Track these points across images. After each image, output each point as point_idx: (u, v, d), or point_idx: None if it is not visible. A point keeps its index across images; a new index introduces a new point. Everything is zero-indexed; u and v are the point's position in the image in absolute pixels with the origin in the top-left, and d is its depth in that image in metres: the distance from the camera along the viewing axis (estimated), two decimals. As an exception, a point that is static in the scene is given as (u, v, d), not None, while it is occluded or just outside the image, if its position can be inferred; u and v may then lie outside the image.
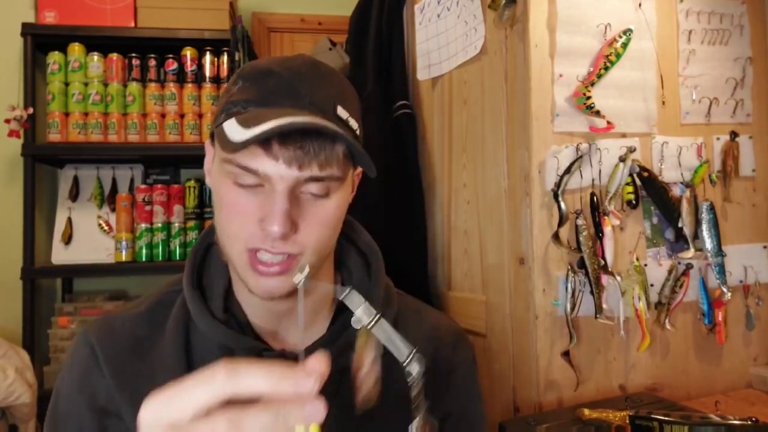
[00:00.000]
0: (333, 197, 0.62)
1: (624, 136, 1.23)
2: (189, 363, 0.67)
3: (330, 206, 0.62)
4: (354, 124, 0.64)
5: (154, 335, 0.69)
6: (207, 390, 0.37)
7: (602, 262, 1.17)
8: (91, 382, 0.67)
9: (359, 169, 0.71)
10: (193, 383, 0.37)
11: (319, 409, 0.38)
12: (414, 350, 0.46)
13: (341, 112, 0.62)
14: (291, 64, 0.63)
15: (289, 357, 0.68)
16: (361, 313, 0.52)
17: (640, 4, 1.25)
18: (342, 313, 0.72)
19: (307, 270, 0.52)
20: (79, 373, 0.68)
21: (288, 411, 0.37)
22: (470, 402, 0.78)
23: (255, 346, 0.67)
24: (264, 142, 0.57)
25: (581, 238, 1.15)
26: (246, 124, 0.57)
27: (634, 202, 1.21)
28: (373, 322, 0.49)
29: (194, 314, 0.67)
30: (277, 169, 0.58)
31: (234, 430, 0.36)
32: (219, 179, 0.62)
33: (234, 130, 0.57)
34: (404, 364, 0.45)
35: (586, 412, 0.99)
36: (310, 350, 0.68)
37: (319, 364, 0.39)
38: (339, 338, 0.68)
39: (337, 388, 0.68)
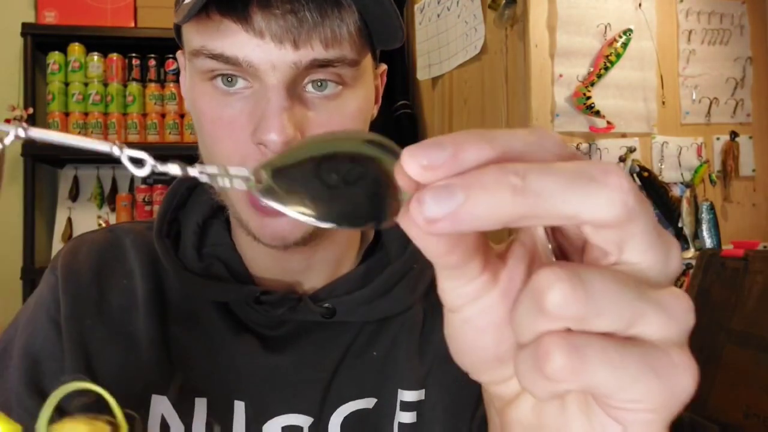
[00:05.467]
0: (349, 94, 0.45)
1: (624, 136, 1.23)
2: (161, 304, 0.52)
3: (349, 107, 0.45)
4: None
5: (120, 261, 0.55)
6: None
7: (602, 262, 1.17)
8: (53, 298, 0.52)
9: (383, 67, 0.54)
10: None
11: None
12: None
13: None
14: None
15: (292, 298, 0.50)
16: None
17: (640, 4, 1.25)
18: (370, 256, 0.56)
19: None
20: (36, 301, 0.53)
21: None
22: None
23: (250, 291, 0.50)
24: (241, 10, 0.41)
25: (581, 238, 1.15)
26: None
27: (634, 202, 1.21)
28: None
29: (167, 267, 0.52)
30: (265, 51, 0.41)
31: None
32: (195, 90, 0.46)
33: None
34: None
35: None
36: (328, 289, 0.52)
37: None
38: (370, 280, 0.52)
39: (358, 336, 0.53)
